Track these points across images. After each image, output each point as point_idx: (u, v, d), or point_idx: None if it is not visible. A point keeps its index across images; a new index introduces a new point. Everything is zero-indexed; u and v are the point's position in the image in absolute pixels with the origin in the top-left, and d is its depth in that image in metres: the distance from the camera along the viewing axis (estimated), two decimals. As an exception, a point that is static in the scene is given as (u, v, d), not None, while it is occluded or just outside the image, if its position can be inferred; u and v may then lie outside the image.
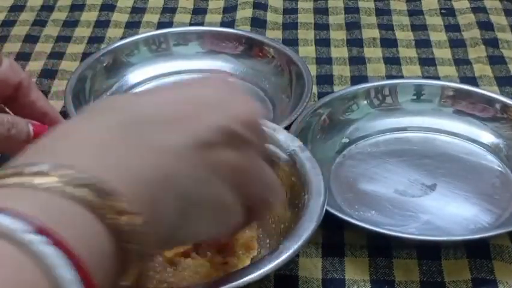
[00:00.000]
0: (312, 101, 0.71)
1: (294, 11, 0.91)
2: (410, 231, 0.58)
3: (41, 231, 0.27)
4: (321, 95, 0.74)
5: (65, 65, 0.81)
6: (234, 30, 0.82)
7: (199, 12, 0.91)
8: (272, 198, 0.43)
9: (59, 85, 0.78)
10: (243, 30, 0.84)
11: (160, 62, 0.79)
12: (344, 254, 0.58)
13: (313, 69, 0.79)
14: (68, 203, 0.30)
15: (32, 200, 0.29)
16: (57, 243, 0.27)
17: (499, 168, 0.65)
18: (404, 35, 0.86)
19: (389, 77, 0.78)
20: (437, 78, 0.78)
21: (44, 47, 0.84)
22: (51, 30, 0.88)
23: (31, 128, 0.51)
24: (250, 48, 0.79)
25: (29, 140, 0.50)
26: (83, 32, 0.87)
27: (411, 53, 0.83)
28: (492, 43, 0.83)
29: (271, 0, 0.92)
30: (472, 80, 0.77)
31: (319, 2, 0.93)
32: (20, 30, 0.87)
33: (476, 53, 0.82)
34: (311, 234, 0.49)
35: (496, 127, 0.68)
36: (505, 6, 0.90)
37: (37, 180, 0.30)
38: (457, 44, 0.84)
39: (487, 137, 0.68)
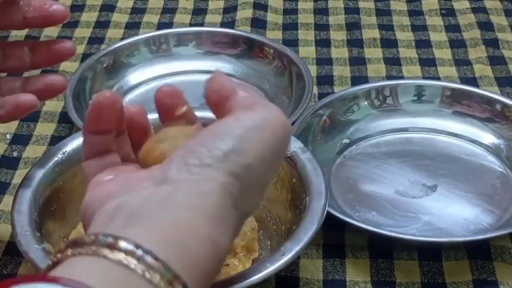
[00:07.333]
0: (313, 102, 0.71)
1: (294, 11, 0.91)
2: (410, 232, 0.58)
3: None
4: (321, 96, 0.74)
5: (65, 65, 0.81)
6: (234, 31, 0.82)
7: (199, 12, 0.91)
8: None
9: (59, 86, 0.77)
10: (243, 30, 0.84)
11: (160, 62, 0.79)
12: (344, 255, 0.58)
13: (313, 70, 0.79)
14: (133, 280, 0.30)
15: (102, 272, 0.30)
16: None
17: (500, 169, 0.65)
18: (404, 36, 0.86)
19: (390, 77, 0.78)
20: (438, 78, 0.78)
21: (44, 48, 0.84)
22: (51, 30, 0.87)
23: None
24: (251, 49, 0.79)
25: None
26: (83, 32, 0.87)
27: (412, 53, 0.83)
28: (492, 43, 0.83)
29: (271, 0, 0.92)
30: (472, 81, 0.77)
31: (319, 2, 0.92)
32: (20, 30, 0.87)
33: (477, 53, 0.82)
34: (312, 236, 0.49)
35: (496, 128, 0.68)
36: (505, 7, 0.90)
37: (112, 255, 0.30)
38: (457, 44, 0.84)
39: (488, 137, 0.68)
